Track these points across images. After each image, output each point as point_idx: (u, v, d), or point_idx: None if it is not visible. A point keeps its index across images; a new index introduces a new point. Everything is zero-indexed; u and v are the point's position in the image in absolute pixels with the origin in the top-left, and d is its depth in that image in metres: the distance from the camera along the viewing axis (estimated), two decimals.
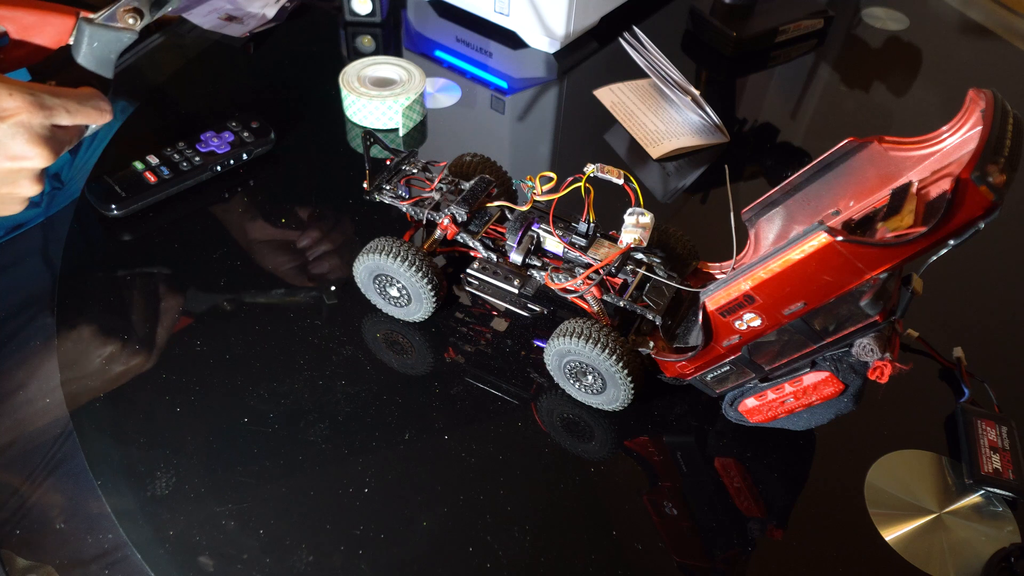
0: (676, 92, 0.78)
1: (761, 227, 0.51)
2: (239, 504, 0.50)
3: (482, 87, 0.85)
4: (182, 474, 0.51)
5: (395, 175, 0.61)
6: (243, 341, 0.59)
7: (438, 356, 0.59)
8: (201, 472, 0.51)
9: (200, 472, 0.51)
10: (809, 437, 0.55)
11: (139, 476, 0.51)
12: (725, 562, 0.50)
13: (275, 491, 0.51)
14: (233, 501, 0.50)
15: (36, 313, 0.75)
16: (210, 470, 0.52)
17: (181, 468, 0.51)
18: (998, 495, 0.52)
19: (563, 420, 0.56)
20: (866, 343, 0.44)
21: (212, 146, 0.70)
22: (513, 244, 0.56)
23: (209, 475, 0.51)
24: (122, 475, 0.51)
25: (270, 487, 0.51)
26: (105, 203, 0.66)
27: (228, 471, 0.52)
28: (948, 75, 0.92)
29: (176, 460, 0.52)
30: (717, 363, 0.50)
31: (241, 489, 0.51)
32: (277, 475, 0.51)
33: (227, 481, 0.51)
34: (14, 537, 0.52)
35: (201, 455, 0.52)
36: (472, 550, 0.49)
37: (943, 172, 0.41)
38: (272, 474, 0.52)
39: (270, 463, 0.52)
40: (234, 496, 0.50)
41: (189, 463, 0.52)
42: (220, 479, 0.51)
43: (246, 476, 0.51)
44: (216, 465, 0.52)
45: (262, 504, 0.50)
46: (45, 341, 0.74)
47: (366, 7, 0.89)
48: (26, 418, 0.71)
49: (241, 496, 0.50)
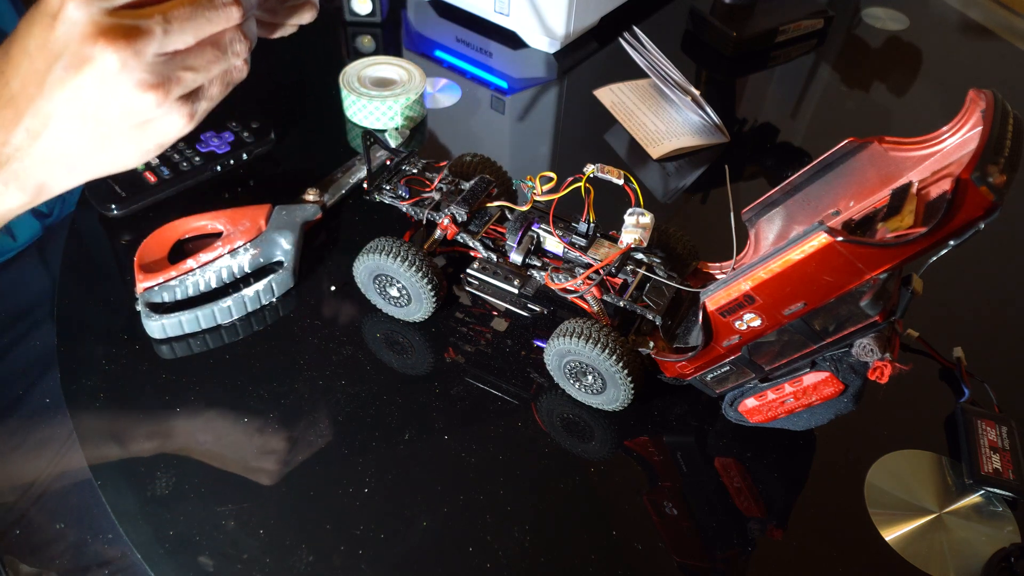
0: (676, 92, 0.78)
1: (761, 227, 0.51)
2: (239, 504, 0.50)
3: (482, 87, 0.85)
4: (182, 474, 0.51)
5: (395, 175, 0.61)
6: (243, 341, 0.59)
7: (438, 356, 0.59)
8: (201, 472, 0.51)
9: (200, 472, 0.51)
10: (809, 437, 0.55)
11: (139, 476, 0.51)
12: (725, 562, 0.50)
13: (275, 491, 0.51)
14: (233, 501, 0.50)
15: (36, 313, 0.76)
16: (210, 470, 0.52)
17: (181, 468, 0.51)
18: (998, 495, 0.52)
19: (563, 420, 0.56)
20: (866, 343, 0.44)
21: (212, 146, 0.70)
22: (513, 244, 0.56)
23: (209, 475, 0.51)
24: (122, 475, 0.51)
25: (270, 487, 0.51)
26: (105, 203, 0.66)
27: (228, 471, 0.52)
28: (948, 75, 0.92)
29: (176, 460, 0.52)
30: (717, 363, 0.50)
31: (241, 489, 0.51)
32: (277, 475, 0.52)
33: (227, 481, 0.51)
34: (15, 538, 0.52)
35: (201, 455, 0.52)
36: (472, 550, 0.49)
37: (943, 172, 0.41)
38: (272, 474, 0.52)
39: (270, 463, 0.52)
40: (234, 496, 0.50)
41: (189, 463, 0.52)
42: (220, 479, 0.51)
43: (246, 476, 0.51)
44: (216, 465, 0.52)
45: (262, 504, 0.50)
46: (45, 341, 0.74)
47: (366, 7, 0.89)
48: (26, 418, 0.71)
49: (241, 496, 0.50)
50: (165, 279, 0.59)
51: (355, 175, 0.70)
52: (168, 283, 0.59)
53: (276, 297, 0.61)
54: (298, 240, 0.63)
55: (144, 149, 0.46)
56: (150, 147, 0.46)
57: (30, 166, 0.45)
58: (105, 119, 0.43)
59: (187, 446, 0.53)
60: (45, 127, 0.43)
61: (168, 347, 0.58)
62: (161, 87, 0.42)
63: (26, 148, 0.44)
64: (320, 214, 0.66)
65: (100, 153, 0.45)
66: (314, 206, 0.66)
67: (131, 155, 0.46)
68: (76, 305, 0.61)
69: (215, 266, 0.60)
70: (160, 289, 0.59)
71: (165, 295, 0.59)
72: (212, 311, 0.58)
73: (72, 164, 0.45)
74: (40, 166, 0.45)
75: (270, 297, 0.61)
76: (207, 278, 0.60)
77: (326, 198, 0.67)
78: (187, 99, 0.44)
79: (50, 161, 0.45)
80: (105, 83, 0.41)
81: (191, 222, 0.64)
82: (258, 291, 0.60)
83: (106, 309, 0.61)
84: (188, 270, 0.60)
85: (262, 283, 0.60)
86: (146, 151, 0.46)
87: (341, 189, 0.69)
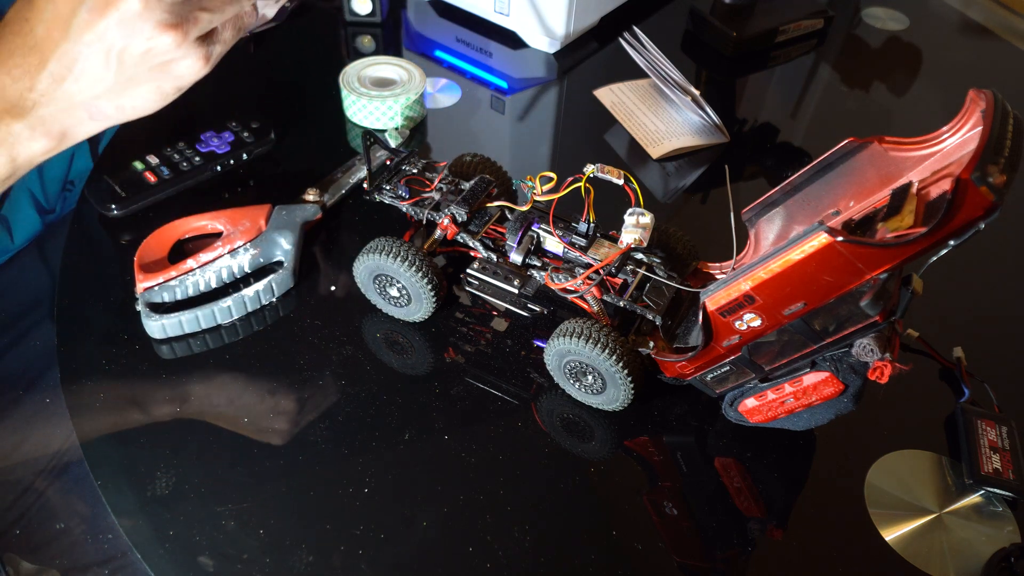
0: (676, 92, 0.78)
1: (761, 227, 0.51)
2: (239, 504, 0.50)
3: (482, 87, 0.85)
4: (182, 474, 0.51)
5: (395, 175, 0.61)
6: (243, 341, 0.59)
7: (438, 356, 0.59)
8: (201, 472, 0.51)
9: (200, 472, 0.51)
10: (809, 437, 0.55)
11: (139, 476, 0.51)
12: (725, 562, 0.50)
13: (275, 491, 0.51)
14: (233, 501, 0.50)
15: (36, 313, 0.76)
16: (210, 470, 0.51)
17: (181, 468, 0.51)
18: (998, 495, 0.52)
19: (563, 420, 0.56)
20: (866, 343, 0.44)
21: (212, 146, 0.70)
22: (513, 244, 0.56)
23: (209, 475, 0.51)
24: (122, 475, 0.51)
25: (270, 487, 0.51)
26: (105, 203, 0.66)
27: (228, 471, 0.52)
28: (948, 75, 0.92)
29: (176, 460, 0.52)
30: (717, 363, 0.50)
31: (241, 489, 0.51)
32: (277, 475, 0.51)
33: (227, 481, 0.51)
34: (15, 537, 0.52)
35: (201, 455, 0.52)
36: (472, 550, 0.49)
37: (943, 172, 0.41)
38: (272, 474, 0.52)
39: (270, 463, 0.52)
40: (234, 496, 0.50)
41: (189, 463, 0.52)
42: (220, 479, 0.51)
43: (246, 476, 0.51)
44: (216, 465, 0.52)
45: (262, 504, 0.50)
46: (45, 341, 0.74)
47: (366, 7, 0.89)
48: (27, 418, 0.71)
49: (241, 496, 0.50)
50: (165, 279, 0.59)
51: (355, 175, 0.70)
52: (168, 283, 0.59)
53: (276, 297, 0.61)
54: (298, 240, 0.63)
55: (164, 92, 0.48)
56: (169, 90, 0.48)
57: (55, 112, 0.47)
58: (127, 61, 0.45)
59: (187, 446, 0.53)
60: (69, 71, 0.45)
61: (168, 347, 0.58)
62: (179, 27, 0.44)
63: (51, 93, 0.46)
64: (320, 214, 0.66)
65: (122, 96, 0.47)
66: (314, 206, 0.66)
67: (151, 98, 0.48)
68: (76, 305, 0.61)
69: (215, 266, 0.60)
70: (160, 289, 0.59)
71: (165, 295, 0.59)
72: (212, 311, 0.58)
73: (95, 109, 0.48)
74: (64, 112, 0.47)
75: (270, 297, 0.61)
76: (207, 278, 0.60)
77: (326, 198, 0.67)
78: (203, 41, 0.47)
79: (74, 106, 0.47)
80: (127, 24, 0.43)
81: (191, 222, 0.64)
82: (258, 291, 0.60)
83: (106, 309, 0.61)
84: (188, 270, 0.60)
85: (262, 283, 0.60)
86: (165, 94, 0.48)
87: (341, 189, 0.69)
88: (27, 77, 0.45)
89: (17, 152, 0.48)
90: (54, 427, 0.70)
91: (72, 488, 0.69)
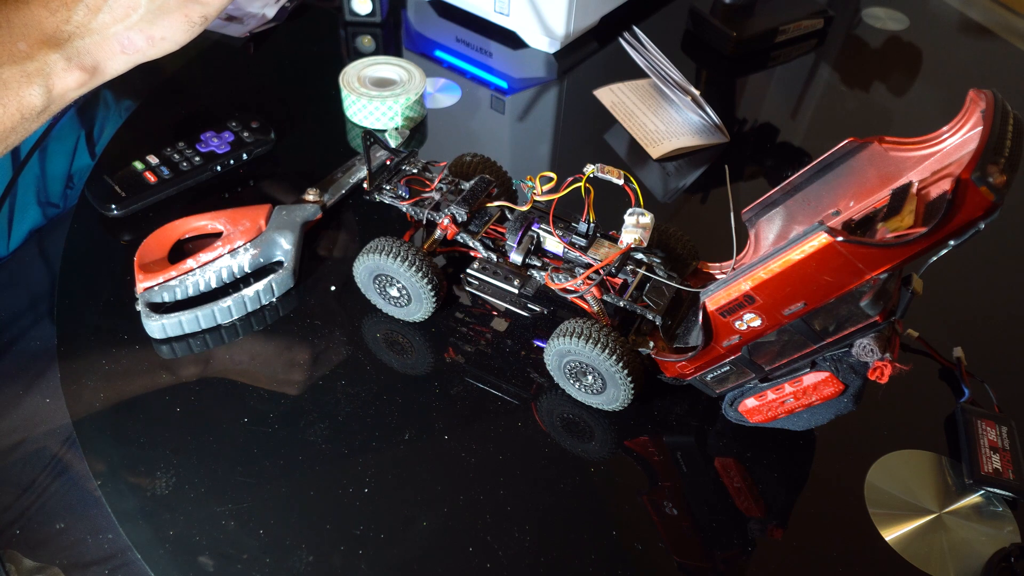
0: (676, 92, 0.78)
1: (761, 227, 0.51)
2: (239, 504, 0.50)
3: (482, 87, 0.85)
4: (182, 474, 0.51)
5: (395, 175, 0.61)
6: (243, 341, 0.59)
7: (438, 356, 0.59)
8: (201, 472, 0.51)
9: (200, 472, 0.51)
10: (809, 437, 0.55)
11: (139, 476, 0.51)
12: (725, 562, 0.50)
13: (275, 491, 0.51)
14: (233, 501, 0.50)
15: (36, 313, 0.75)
16: (210, 470, 0.52)
17: (181, 468, 0.51)
18: (998, 495, 0.52)
19: (563, 420, 0.56)
20: (866, 343, 0.44)
21: (212, 146, 0.70)
22: (513, 244, 0.56)
23: (209, 475, 0.51)
24: (122, 475, 0.51)
25: (270, 487, 0.51)
26: (105, 203, 0.66)
27: (228, 471, 0.52)
28: (948, 75, 0.92)
29: (176, 460, 0.52)
30: (717, 363, 0.50)
31: (241, 489, 0.51)
32: (277, 475, 0.52)
33: (227, 481, 0.51)
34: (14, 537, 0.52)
35: (201, 455, 0.52)
36: (472, 550, 0.49)
37: (943, 172, 0.41)
38: (272, 474, 0.52)
39: (270, 463, 0.52)
40: (234, 496, 0.50)
41: (189, 463, 0.52)
42: (220, 479, 0.51)
43: (246, 476, 0.51)
44: (216, 465, 0.52)
45: (262, 504, 0.50)
46: (45, 341, 0.74)
47: (366, 7, 0.89)
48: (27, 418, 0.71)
49: (241, 496, 0.50)
50: (165, 279, 0.59)
51: (355, 175, 0.70)
52: (168, 283, 0.59)
53: (276, 297, 0.61)
54: (298, 240, 0.63)
55: (192, 21, 0.51)
56: (196, 19, 0.51)
57: (90, 44, 0.50)
58: None
59: (187, 446, 0.53)
60: (104, 1, 0.48)
61: (168, 347, 0.58)
62: None
63: (86, 24, 0.49)
64: (320, 214, 0.66)
65: (153, 26, 0.51)
66: (314, 206, 0.66)
67: (180, 28, 0.51)
68: (76, 305, 0.61)
69: (215, 266, 0.60)
70: (160, 289, 0.59)
71: (165, 295, 0.59)
72: (212, 311, 0.58)
73: (127, 41, 0.50)
74: (98, 44, 0.50)
75: (270, 297, 0.61)
76: (207, 278, 0.60)
77: (326, 198, 0.67)
78: None
79: (107, 38, 0.50)
80: None
81: (191, 222, 0.64)
82: (258, 291, 0.60)
83: (106, 309, 0.61)
84: (188, 270, 0.60)
85: (262, 283, 0.60)
86: (193, 23, 0.52)
87: (341, 189, 0.69)
88: (64, 9, 0.48)
89: (53, 83, 0.49)
90: (54, 426, 0.70)
91: (72, 488, 0.69)
